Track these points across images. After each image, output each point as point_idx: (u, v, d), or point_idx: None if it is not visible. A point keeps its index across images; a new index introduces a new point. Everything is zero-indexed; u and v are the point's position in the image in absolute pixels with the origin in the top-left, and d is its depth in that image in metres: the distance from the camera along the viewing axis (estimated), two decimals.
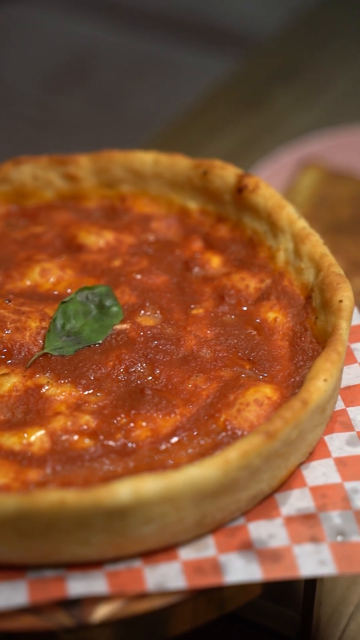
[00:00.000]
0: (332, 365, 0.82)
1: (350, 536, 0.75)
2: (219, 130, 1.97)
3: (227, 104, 2.09)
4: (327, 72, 2.21)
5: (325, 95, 2.12)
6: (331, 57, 2.27)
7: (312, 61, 2.25)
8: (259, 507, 0.78)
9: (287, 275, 0.96)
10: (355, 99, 2.10)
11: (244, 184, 1.01)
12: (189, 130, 1.99)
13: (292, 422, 0.77)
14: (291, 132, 1.94)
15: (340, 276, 0.91)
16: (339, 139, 1.82)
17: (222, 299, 0.96)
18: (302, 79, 2.17)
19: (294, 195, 1.65)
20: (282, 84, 2.15)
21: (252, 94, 2.13)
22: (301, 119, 2.02)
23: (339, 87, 2.14)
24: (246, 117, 2.03)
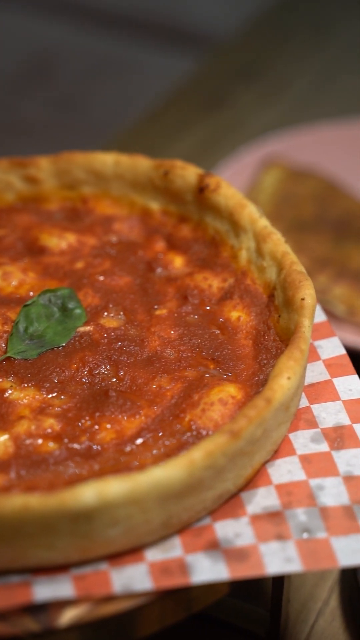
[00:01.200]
0: (295, 363, 0.82)
1: (316, 533, 0.75)
2: (181, 130, 1.97)
3: (188, 104, 2.10)
4: (288, 70, 2.22)
5: (286, 93, 2.13)
6: (291, 56, 2.28)
7: (273, 60, 2.26)
8: (225, 507, 0.78)
9: (249, 274, 0.97)
10: (316, 97, 2.11)
11: (205, 183, 1.01)
12: (152, 130, 1.98)
13: (256, 421, 0.77)
14: (253, 131, 1.95)
15: (302, 274, 0.91)
16: (301, 137, 1.83)
17: (186, 299, 0.96)
18: (263, 78, 2.18)
19: (257, 194, 1.66)
20: (243, 83, 2.15)
21: (214, 93, 2.13)
22: (263, 118, 2.02)
23: (300, 86, 2.16)
24: (208, 117, 2.03)
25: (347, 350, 1.29)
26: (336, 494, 0.78)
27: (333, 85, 2.16)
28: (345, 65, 2.24)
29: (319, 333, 0.95)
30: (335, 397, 0.88)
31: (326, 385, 0.89)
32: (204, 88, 2.17)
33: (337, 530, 0.75)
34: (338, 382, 0.89)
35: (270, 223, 1.57)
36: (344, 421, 0.85)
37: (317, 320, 0.97)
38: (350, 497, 0.78)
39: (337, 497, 0.78)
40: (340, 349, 0.93)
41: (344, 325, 1.41)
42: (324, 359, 0.92)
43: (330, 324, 1.40)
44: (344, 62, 2.25)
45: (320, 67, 2.23)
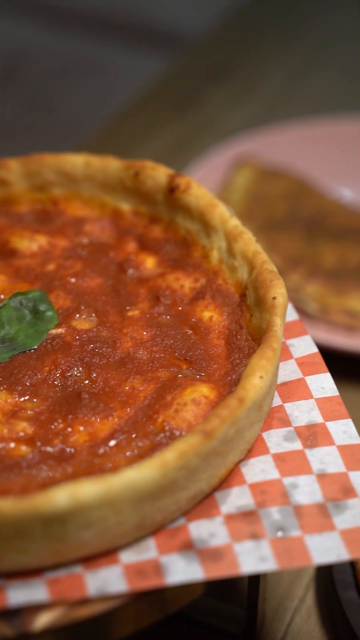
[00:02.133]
0: (267, 362, 0.82)
1: (290, 531, 0.75)
2: (153, 131, 1.97)
3: (160, 104, 2.10)
4: (259, 70, 2.22)
5: (257, 93, 2.13)
6: (262, 56, 2.29)
7: (244, 60, 2.26)
8: (199, 507, 0.78)
9: (221, 274, 0.97)
10: (287, 96, 2.12)
11: (175, 184, 1.01)
12: (123, 131, 1.98)
13: (229, 421, 0.77)
14: (225, 131, 1.95)
15: (273, 273, 0.91)
16: (272, 136, 1.84)
17: (158, 299, 0.96)
18: (234, 77, 2.19)
19: (229, 193, 1.66)
20: (214, 83, 2.16)
21: (185, 93, 2.13)
22: (234, 118, 2.03)
23: (271, 85, 2.16)
24: (180, 117, 2.03)
25: (320, 348, 1.30)
26: (310, 492, 0.79)
27: (303, 84, 2.17)
28: (315, 64, 2.25)
29: (291, 332, 0.96)
30: (308, 396, 0.88)
31: (299, 383, 0.90)
32: (175, 88, 2.17)
33: (311, 528, 0.76)
34: (310, 380, 0.90)
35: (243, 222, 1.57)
36: (316, 419, 0.86)
37: (289, 319, 0.97)
38: (323, 494, 0.78)
39: (310, 495, 0.78)
40: (313, 347, 0.93)
41: (317, 324, 1.41)
42: (296, 358, 0.92)
43: (303, 322, 1.40)
44: (314, 61, 2.26)
45: (291, 67, 2.24)
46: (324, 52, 2.31)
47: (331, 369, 0.95)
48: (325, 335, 1.38)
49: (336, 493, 0.78)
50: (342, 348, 1.35)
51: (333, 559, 0.73)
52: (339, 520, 0.76)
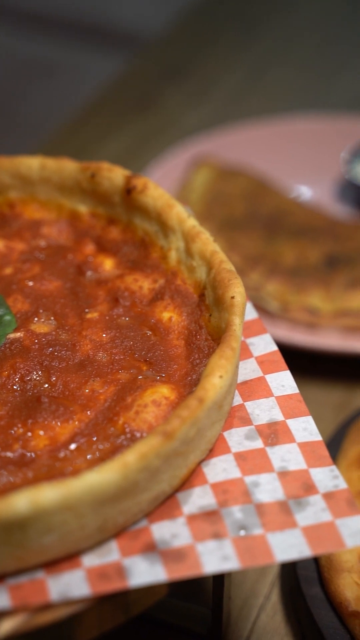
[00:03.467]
0: (226, 361, 0.82)
1: (252, 530, 0.76)
2: (112, 132, 1.97)
3: (118, 105, 2.09)
4: (216, 69, 2.23)
5: (214, 93, 2.14)
6: (219, 55, 2.30)
7: (201, 59, 2.27)
8: (161, 508, 0.78)
9: (179, 274, 0.97)
10: (243, 96, 2.13)
11: (132, 185, 1.01)
12: (81, 132, 1.98)
13: (189, 421, 0.77)
14: (183, 131, 1.96)
15: (231, 272, 0.91)
16: (230, 135, 1.85)
17: (117, 301, 0.96)
18: (191, 77, 2.19)
19: (188, 193, 1.67)
20: (172, 84, 2.16)
21: (143, 94, 2.13)
22: (192, 118, 2.03)
23: (228, 85, 2.17)
24: (138, 118, 2.03)
25: (281, 345, 1.31)
26: (271, 489, 0.79)
27: (260, 83, 2.18)
28: (272, 63, 2.26)
29: (250, 330, 0.96)
30: (269, 394, 0.88)
31: (259, 382, 0.90)
32: (133, 89, 2.17)
33: (273, 526, 0.76)
34: (270, 378, 0.90)
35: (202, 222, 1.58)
36: (277, 417, 0.86)
37: (248, 318, 0.97)
38: (285, 492, 0.79)
39: (272, 492, 0.79)
40: (272, 345, 0.94)
41: (277, 322, 1.42)
42: (256, 356, 0.93)
43: (264, 320, 1.41)
44: (271, 60, 2.27)
45: (248, 66, 2.25)
46: (280, 50, 2.32)
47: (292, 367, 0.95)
48: (286, 333, 1.39)
49: (297, 490, 0.79)
50: (303, 345, 1.36)
51: (295, 556, 0.74)
52: (300, 517, 0.76)
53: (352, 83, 2.18)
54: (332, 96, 2.13)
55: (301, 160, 1.81)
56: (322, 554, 0.80)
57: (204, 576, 0.73)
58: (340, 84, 2.18)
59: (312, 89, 2.17)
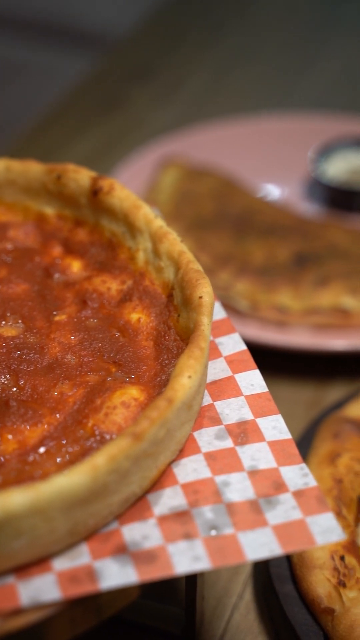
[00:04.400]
0: (195, 361, 0.82)
1: (223, 529, 0.76)
2: (79, 133, 1.96)
3: (85, 106, 2.09)
4: (182, 70, 2.23)
5: (181, 93, 2.14)
6: (185, 55, 2.30)
7: (167, 60, 2.27)
8: (132, 509, 0.78)
9: (147, 275, 0.97)
10: (210, 96, 2.13)
11: (98, 186, 1.00)
12: (48, 134, 1.97)
13: (158, 422, 0.77)
14: (151, 131, 1.96)
15: (199, 272, 0.91)
16: (197, 135, 1.85)
17: (85, 303, 0.95)
18: (157, 78, 2.19)
19: (156, 194, 1.66)
20: (139, 84, 2.16)
21: (110, 95, 2.13)
22: (159, 118, 2.03)
23: (195, 85, 2.17)
24: (105, 119, 2.03)
25: (252, 344, 1.31)
26: (242, 489, 0.79)
27: (226, 83, 2.18)
28: (237, 63, 2.27)
29: (219, 330, 0.96)
30: (238, 393, 0.89)
31: (228, 381, 0.90)
32: (100, 89, 2.17)
33: (243, 525, 0.76)
34: (240, 377, 0.90)
35: (171, 222, 1.58)
36: (247, 416, 0.86)
37: (217, 317, 0.98)
38: (255, 491, 0.79)
39: (242, 492, 0.79)
40: (241, 344, 0.94)
41: (247, 321, 1.42)
42: (225, 356, 0.93)
43: (234, 319, 1.42)
44: (237, 60, 2.28)
45: (214, 66, 2.25)
46: (246, 50, 2.33)
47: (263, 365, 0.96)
48: (257, 332, 1.39)
49: (268, 489, 0.79)
50: (273, 344, 1.37)
51: (266, 555, 0.74)
52: (271, 515, 0.77)
53: (317, 82, 2.19)
54: (298, 95, 2.14)
55: (269, 159, 1.82)
56: (292, 552, 0.80)
57: (176, 577, 0.73)
58: (305, 82, 2.19)
59: (278, 88, 2.18)
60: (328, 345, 1.36)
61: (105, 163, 1.81)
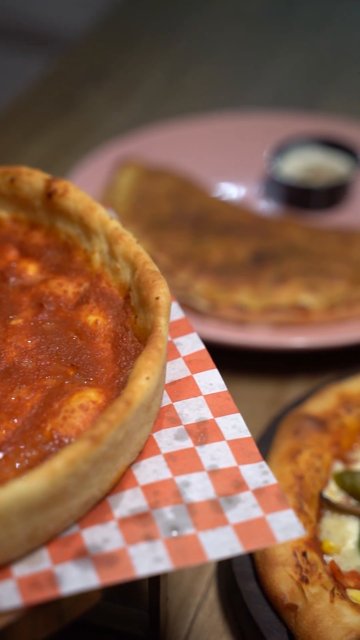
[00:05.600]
0: (153, 362, 0.82)
1: (184, 530, 0.76)
2: (34, 135, 1.95)
3: (40, 107, 2.07)
4: (138, 70, 2.23)
5: (137, 93, 2.14)
6: (140, 55, 2.29)
7: (123, 60, 2.26)
8: (92, 513, 0.77)
9: (104, 277, 0.96)
10: (166, 96, 2.13)
11: (52, 188, 1.00)
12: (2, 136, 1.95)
13: (116, 424, 0.76)
14: (107, 132, 1.95)
15: (155, 273, 0.91)
16: (154, 136, 1.85)
17: (41, 306, 0.95)
18: (113, 78, 2.18)
19: (114, 195, 1.66)
20: (94, 85, 2.15)
21: (65, 96, 2.12)
22: (116, 119, 2.03)
23: (150, 85, 2.17)
24: (61, 120, 2.02)
25: (212, 343, 1.31)
26: (202, 488, 0.79)
27: (182, 83, 2.18)
28: (192, 62, 2.27)
29: (178, 330, 0.96)
30: (197, 393, 0.89)
31: (187, 381, 0.90)
32: (54, 91, 2.16)
33: (204, 524, 0.76)
34: (199, 377, 0.90)
35: (129, 223, 1.58)
36: (206, 416, 0.86)
37: (175, 318, 0.98)
38: (215, 490, 0.79)
39: (203, 491, 0.79)
40: (200, 344, 0.94)
41: (207, 320, 1.43)
42: (183, 356, 0.93)
43: (194, 319, 1.42)
44: (192, 60, 2.28)
45: (169, 66, 2.25)
46: (200, 49, 2.33)
47: (223, 364, 0.96)
48: (216, 331, 1.40)
49: (228, 488, 0.79)
50: (233, 342, 1.37)
51: (227, 554, 0.74)
52: (231, 514, 0.77)
53: (271, 81, 2.20)
54: (253, 94, 2.15)
55: (225, 158, 1.82)
56: (253, 550, 0.80)
57: (137, 579, 0.73)
58: (260, 81, 2.20)
59: (233, 87, 2.18)
60: (287, 343, 1.37)
61: (62, 165, 1.80)
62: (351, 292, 1.43)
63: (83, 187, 1.62)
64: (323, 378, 1.35)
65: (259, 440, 1.14)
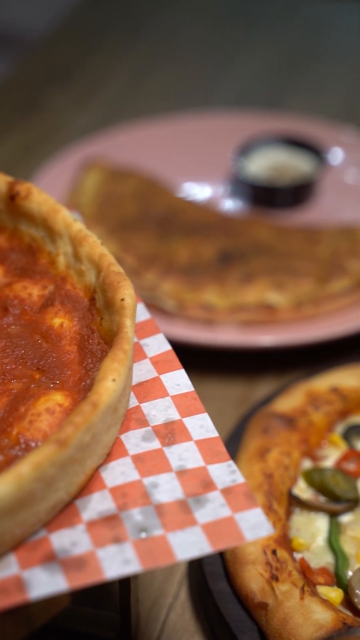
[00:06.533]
0: (119, 364, 0.82)
1: (152, 531, 0.75)
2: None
3: (3, 110, 2.06)
4: (102, 71, 2.23)
5: (101, 94, 2.13)
6: (104, 56, 2.29)
7: (86, 61, 2.26)
8: (60, 516, 0.77)
9: (69, 279, 0.96)
10: (130, 96, 2.13)
11: (15, 191, 0.99)
12: None
13: (83, 427, 0.76)
14: (71, 134, 1.95)
15: (120, 275, 0.91)
16: (118, 136, 1.84)
17: (6, 310, 0.94)
18: (77, 79, 2.18)
19: (79, 196, 1.65)
20: (58, 86, 2.14)
21: (29, 97, 2.11)
22: (80, 120, 2.02)
23: (114, 85, 2.17)
24: (24, 122, 2.00)
25: (180, 344, 1.32)
26: (170, 489, 0.79)
27: (147, 84, 2.18)
28: (156, 63, 2.27)
29: (144, 331, 0.96)
30: (164, 394, 0.89)
31: (154, 382, 0.90)
32: (18, 92, 2.15)
33: (173, 525, 0.76)
34: (165, 378, 0.90)
35: (95, 224, 1.57)
36: (173, 416, 0.86)
37: (141, 319, 0.97)
38: (184, 491, 0.79)
39: (171, 492, 0.79)
40: (166, 345, 0.94)
41: (175, 320, 1.43)
42: (150, 357, 0.93)
43: (161, 320, 1.42)
44: (156, 60, 2.28)
45: (133, 66, 2.25)
46: (163, 50, 2.33)
47: (191, 364, 0.96)
48: (184, 331, 1.40)
49: (196, 488, 0.79)
50: (201, 342, 1.37)
51: (196, 554, 0.74)
52: (199, 514, 0.77)
53: (235, 80, 2.20)
54: (217, 94, 2.15)
55: (191, 158, 1.82)
56: (222, 549, 0.81)
57: (106, 582, 0.72)
58: (224, 81, 2.20)
59: (197, 87, 2.18)
60: (255, 342, 1.37)
61: (27, 167, 1.79)
62: (317, 290, 1.44)
63: (48, 189, 1.62)
64: (291, 376, 1.36)
65: (227, 439, 1.15)
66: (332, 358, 1.36)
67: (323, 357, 1.38)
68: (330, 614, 0.90)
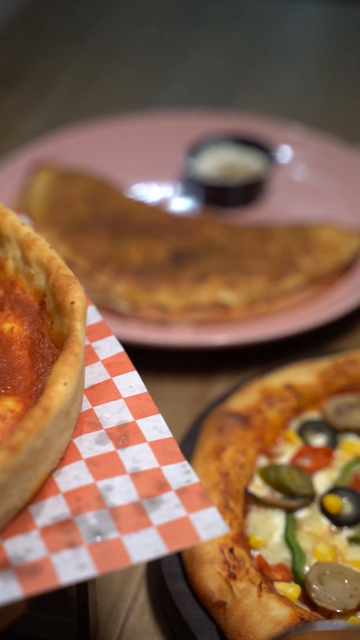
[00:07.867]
0: (70, 368, 0.81)
1: (107, 534, 0.75)
2: None
3: None
4: (49, 72, 2.21)
5: (49, 96, 2.12)
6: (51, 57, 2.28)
7: (33, 62, 2.24)
8: (13, 523, 0.76)
9: (18, 283, 0.95)
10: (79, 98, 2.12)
11: None
12: None
13: (35, 432, 0.75)
14: (19, 136, 1.93)
15: (69, 278, 0.91)
16: (68, 138, 1.83)
17: None
18: (24, 81, 2.16)
19: (29, 199, 1.64)
20: (5, 89, 2.12)
21: None
22: (28, 122, 2.01)
23: (62, 87, 2.16)
24: None
25: (134, 345, 1.31)
26: (125, 492, 0.79)
27: (95, 85, 2.17)
28: (104, 64, 2.26)
29: (95, 334, 0.95)
30: (117, 396, 0.88)
31: (107, 385, 0.89)
32: None
33: (128, 528, 0.76)
34: (118, 380, 0.90)
35: (45, 227, 1.56)
36: (127, 418, 0.86)
37: (92, 322, 0.97)
38: (138, 492, 0.79)
39: (125, 495, 0.79)
40: (118, 347, 0.94)
41: (129, 322, 1.42)
42: (102, 359, 0.92)
43: (115, 321, 1.41)
44: (104, 61, 2.28)
45: (82, 66, 2.24)
46: (111, 51, 2.33)
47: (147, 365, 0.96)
48: (138, 332, 1.40)
49: (151, 489, 0.79)
50: (155, 343, 1.37)
51: (152, 555, 0.74)
52: (154, 516, 0.77)
53: (183, 80, 2.21)
54: (166, 94, 2.15)
55: (141, 159, 1.82)
56: (178, 550, 0.80)
57: (62, 587, 0.72)
58: (172, 81, 2.20)
59: (146, 88, 2.18)
60: (209, 341, 1.38)
61: None
62: (270, 287, 1.45)
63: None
64: (246, 374, 1.36)
65: (183, 439, 1.15)
66: (285, 355, 1.37)
67: (277, 355, 1.39)
68: (287, 610, 0.90)
